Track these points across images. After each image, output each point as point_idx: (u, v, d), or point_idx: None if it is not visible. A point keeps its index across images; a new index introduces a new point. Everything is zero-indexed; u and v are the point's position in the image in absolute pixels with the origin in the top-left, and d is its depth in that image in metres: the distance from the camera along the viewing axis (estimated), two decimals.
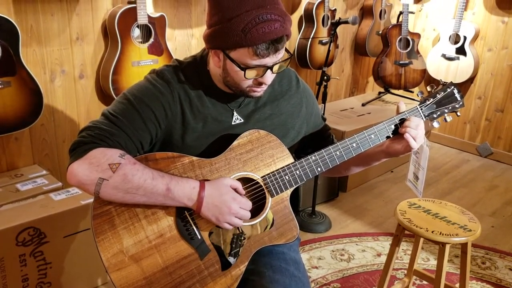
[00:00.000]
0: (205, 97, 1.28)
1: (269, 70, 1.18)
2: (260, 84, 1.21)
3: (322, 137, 1.47)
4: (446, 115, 1.42)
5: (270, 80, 1.22)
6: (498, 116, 3.87)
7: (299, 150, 1.46)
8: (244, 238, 1.25)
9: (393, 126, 1.33)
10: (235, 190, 1.21)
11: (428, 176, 3.53)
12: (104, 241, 1.14)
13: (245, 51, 1.13)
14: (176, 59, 1.31)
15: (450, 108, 1.41)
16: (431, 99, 1.39)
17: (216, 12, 1.13)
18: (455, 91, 1.41)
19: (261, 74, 1.19)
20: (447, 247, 1.74)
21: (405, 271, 2.32)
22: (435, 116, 1.40)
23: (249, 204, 1.21)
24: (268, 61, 1.16)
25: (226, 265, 1.23)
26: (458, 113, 1.45)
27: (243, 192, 1.22)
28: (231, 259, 1.23)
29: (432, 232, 1.74)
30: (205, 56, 1.29)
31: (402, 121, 1.33)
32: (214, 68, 1.25)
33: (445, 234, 1.72)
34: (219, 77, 1.25)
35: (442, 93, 1.40)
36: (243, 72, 1.16)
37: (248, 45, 1.11)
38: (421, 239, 1.99)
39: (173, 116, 1.24)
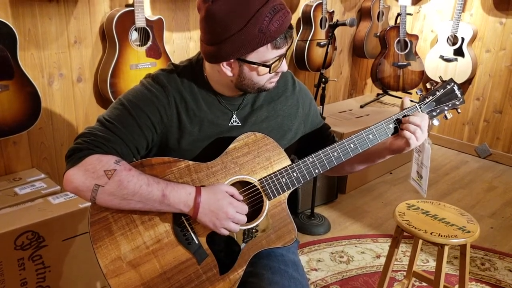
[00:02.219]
0: (201, 100, 1.28)
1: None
2: (277, 73, 1.24)
3: (322, 136, 1.46)
4: (446, 112, 1.39)
5: (286, 66, 1.25)
6: (497, 117, 3.87)
7: (300, 150, 1.45)
8: (257, 231, 1.25)
9: (391, 125, 1.32)
10: (232, 196, 1.20)
11: None
12: (102, 247, 1.14)
13: (264, 49, 1.15)
14: (172, 63, 1.31)
15: (450, 105, 1.38)
16: (431, 96, 1.37)
17: (224, 27, 1.12)
18: (455, 87, 1.38)
19: (280, 64, 1.21)
20: (446, 248, 1.74)
21: (405, 273, 2.32)
22: (434, 114, 1.38)
23: (245, 208, 1.21)
24: (284, 49, 1.18)
25: (224, 269, 1.22)
26: (459, 110, 1.42)
27: (241, 198, 1.22)
28: (243, 246, 1.23)
29: (431, 233, 1.74)
30: (201, 59, 1.29)
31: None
32: (218, 75, 1.24)
33: (444, 236, 1.72)
34: (228, 83, 1.24)
35: (442, 90, 1.37)
36: (264, 69, 1.18)
37: (268, 41, 1.13)
38: (420, 241, 1.99)
39: (169, 120, 1.24)
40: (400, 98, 3.90)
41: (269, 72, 1.19)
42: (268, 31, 1.11)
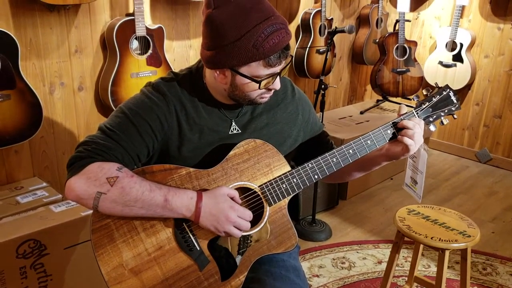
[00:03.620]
0: (201, 108, 1.29)
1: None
2: (270, 90, 1.24)
3: (320, 143, 1.48)
4: (442, 118, 1.42)
5: (279, 85, 1.25)
6: (496, 122, 3.88)
7: (298, 157, 1.46)
8: (251, 241, 1.25)
9: (389, 131, 1.34)
10: (232, 198, 1.21)
11: (427, 183, 3.53)
12: (104, 255, 1.14)
13: (257, 64, 1.15)
14: (172, 71, 1.33)
15: (446, 111, 1.41)
16: (427, 102, 1.39)
17: (220, 34, 1.14)
18: (451, 93, 1.41)
19: (272, 81, 1.21)
20: (447, 253, 1.75)
21: (406, 278, 2.32)
22: (431, 119, 1.40)
23: (248, 214, 1.21)
24: (278, 68, 1.19)
25: (225, 276, 1.23)
26: (455, 116, 1.45)
27: (240, 201, 1.23)
28: (239, 258, 1.23)
29: (431, 238, 1.74)
30: (201, 68, 1.31)
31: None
32: (215, 83, 1.25)
33: (444, 240, 1.73)
34: (223, 91, 1.26)
35: (438, 96, 1.40)
36: (255, 84, 1.18)
37: (261, 58, 1.14)
38: (421, 246, 1.99)
39: (169, 128, 1.25)
40: (400, 104, 3.92)
41: (259, 88, 1.20)
42: (262, 48, 1.12)
